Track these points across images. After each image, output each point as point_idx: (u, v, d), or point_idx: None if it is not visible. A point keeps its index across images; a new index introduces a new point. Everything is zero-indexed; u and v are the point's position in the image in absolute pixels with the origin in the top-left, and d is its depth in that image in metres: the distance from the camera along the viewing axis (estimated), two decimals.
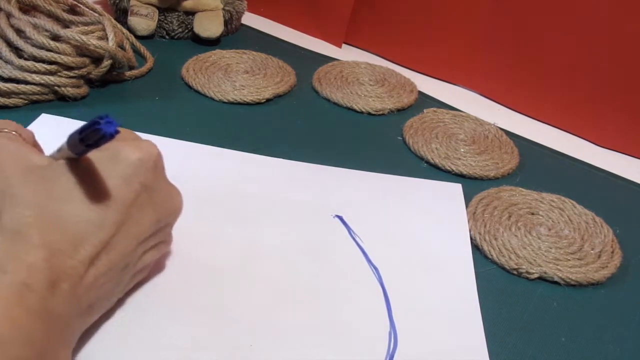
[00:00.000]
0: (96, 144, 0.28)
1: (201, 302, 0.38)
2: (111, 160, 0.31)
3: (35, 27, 0.55)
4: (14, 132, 0.34)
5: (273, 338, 0.37)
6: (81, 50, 0.57)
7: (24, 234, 0.28)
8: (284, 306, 0.39)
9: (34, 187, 0.30)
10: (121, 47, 0.63)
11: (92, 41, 0.56)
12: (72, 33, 0.55)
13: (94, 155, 0.31)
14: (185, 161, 0.52)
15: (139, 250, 0.34)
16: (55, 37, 0.56)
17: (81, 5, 0.64)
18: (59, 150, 0.32)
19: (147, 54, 0.68)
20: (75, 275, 0.29)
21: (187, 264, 0.41)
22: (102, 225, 0.30)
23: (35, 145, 0.37)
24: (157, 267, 0.40)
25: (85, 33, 0.57)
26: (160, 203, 0.34)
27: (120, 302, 0.37)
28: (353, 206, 0.49)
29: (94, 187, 0.31)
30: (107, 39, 0.58)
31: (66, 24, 0.60)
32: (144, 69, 0.65)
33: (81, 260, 0.30)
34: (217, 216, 0.46)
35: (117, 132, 0.27)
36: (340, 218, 0.48)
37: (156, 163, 0.34)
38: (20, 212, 0.29)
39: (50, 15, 0.60)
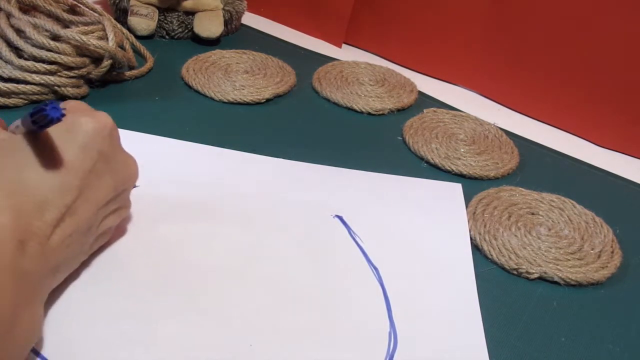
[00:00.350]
0: (46, 125, 0.31)
1: (201, 301, 0.38)
2: (68, 131, 0.34)
3: (35, 27, 0.55)
4: None
5: (273, 338, 0.37)
6: (81, 50, 0.57)
7: None
8: (283, 306, 0.39)
9: None
10: (121, 47, 0.63)
11: (92, 41, 0.56)
12: (72, 33, 0.55)
13: (52, 127, 0.32)
14: (185, 161, 0.52)
15: (99, 214, 0.36)
16: (55, 37, 0.56)
17: (81, 5, 0.64)
18: (16, 127, 0.34)
19: (147, 54, 0.68)
20: (42, 235, 0.31)
21: (186, 264, 0.41)
22: (64, 190, 0.33)
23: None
24: (118, 232, 0.42)
25: (85, 33, 0.57)
26: (116, 170, 0.37)
27: (121, 302, 0.37)
28: (353, 206, 0.49)
29: (53, 156, 0.33)
30: (107, 39, 0.58)
31: (66, 24, 0.60)
32: (144, 69, 0.65)
33: (47, 222, 0.32)
34: (217, 216, 0.46)
35: (62, 115, 0.30)
36: (340, 218, 0.48)
37: (111, 132, 0.36)
38: None
39: (50, 15, 0.60)
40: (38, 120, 0.30)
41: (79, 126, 0.34)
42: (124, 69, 0.64)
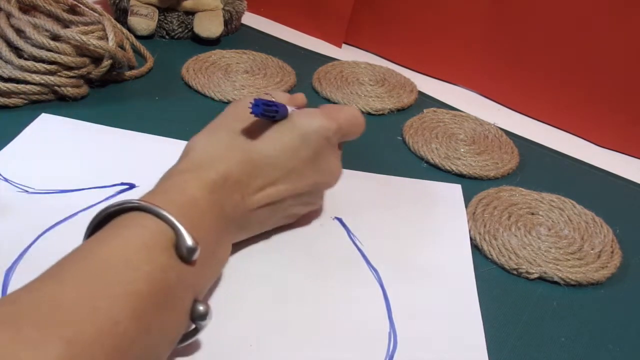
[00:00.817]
0: (272, 118, 0.40)
1: None
2: (301, 121, 0.41)
3: (35, 27, 0.55)
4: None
5: (273, 338, 0.37)
6: (81, 50, 0.57)
7: (224, 147, 0.39)
8: (284, 307, 0.39)
9: (240, 125, 0.41)
10: (121, 47, 0.63)
11: (92, 41, 0.56)
12: (72, 33, 0.55)
13: (293, 112, 0.42)
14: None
15: (294, 200, 0.42)
16: (55, 37, 0.56)
17: (81, 5, 0.64)
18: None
19: (147, 53, 0.68)
20: (246, 193, 0.38)
21: None
22: (277, 165, 0.39)
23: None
24: (300, 221, 0.46)
25: (85, 33, 0.57)
26: (321, 170, 0.42)
27: None
28: (352, 208, 0.49)
29: (279, 136, 0.40)
30: (107, 38, 0.58)
31: (66, 24, 0.60)
32: (144, 68, 0.65)
33: (255, 184, 0.39)
34: None
35: (275, 115, 0.39)
36: (340, 220, 0.48)
37: (330, 136, 0.41)
38: (220, 135, 0.40)
39: (50, 15, 0.60)
40: (267, 113, 0.39)
41: (308, 121, 0.41)
42: (124, 69, 0.64)
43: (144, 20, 0.73)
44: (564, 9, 0.66)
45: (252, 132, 0.40)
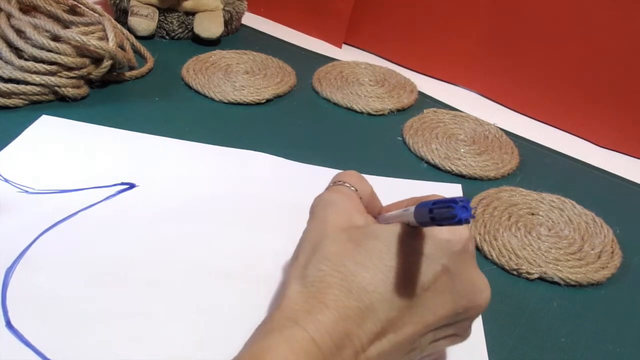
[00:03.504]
0: (441, 223, 0.26)
1: (199, 302, 0.38)
2: (418, 235, 0.30)
3: (35, 27, 0.56)
4: (352, 187, 0.34)
5: None
6: (81, 50, 0.57)
7: (320, 290, 0.29)
8: None
9: (338, 247, 0.30)
10: (121, 47, 0.64)
11: (92, 41, 0.56)
12: (72, 33, 0.55)
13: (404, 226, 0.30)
14: (185, 161, 0.52)
15: (428, 336, 0.31)
16: (56, 38, 0.56)
17: (81, 6, 0.64)
18: (399, 214, 0.31)
19: (147, 54, 0.68)
20: (359, 345, 0.28)
21: (185, 264, 0.41)
22: (393, 302, 0.29)
23: (372, 199, 0.36)
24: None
25: (86, 33, 0.57)
26: (461, 292, 0.31)
27: (121, 302, 0.37)
28: None
29: (395, 260, 0.29)
30: (108, 39, 0.58)
31: (66, 25, 0.60)
32: (144, 69, 0.65)
33: (367, 332, 0.29)
34: (216, 217, 0.46)
35: (469, 218, 0.25)
36: None
37: (465, 247, 0.31)
38: (319, 267, 0.30)
39: (51, 16, 0.60)
40: (438, 217, 0.26)
41: (431, 233, 0.30)
42: (124, 69, 0.64)
43: (144, 21, 0.73)
44: (564, 10, 0.66)
45: (355, 252, 0.30)
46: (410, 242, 0.30)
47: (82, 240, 0.42)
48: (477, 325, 0.40)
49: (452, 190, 0.54)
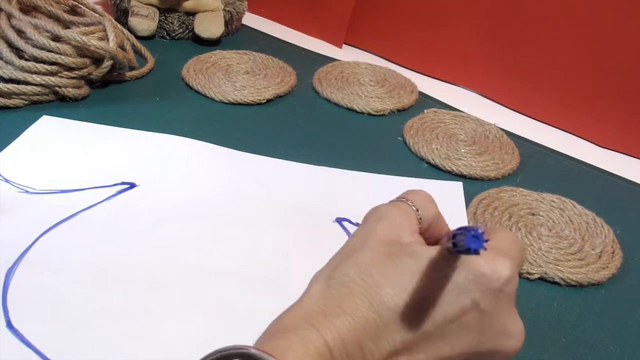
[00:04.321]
0: (459, 250, 0.26)
1: (200, 302, 0.38)
2: (454, 262, 0.29)
3: (36, 27, 0.56)
4: (414, 207, 0.33)
5: None
6: (82, 50, 0.57)
7: (342, 295, 0.28)
8: (283, 310, 0.39)
9: (373, 257, 0.29)
10: (122, 47, 0.64)
11: (93, 42, 0.56)
12: (72, 34, 0.55)
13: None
14: (186, 160, 0.52)
15: None
16: (56, 38, 0.56)
17: (82, 6, 0.64)
18: (448, 238, 0.29)
19: (148, 54, 0.68)
20: (375, 353, 0.28)
21: (186, 264, 0.41)
22: (411, 326, 0.28)
23: (436, 222, 0.34)
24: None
25: (86, 34, 0.57)
26: (488, 334, 0.29)
27: (121, 302, 0.37)
28: (353, 209, 0.49)
29: (423, 283, 0.28)
30: (108, 39, 0.58)
31: (67, 25, 0.60)
32: (144, 69, 0.66)
33: (379, 348, 0.28)
34: (217, 217, 0.46)
35: (478, 250, 0.24)
36: (340, 223, 0.47)
37: (503, 287, 0.29)
38: (346, 272, 0.29)
39: (51, 16, 0.60)
40: (457, 243, 0.26)
41: (470, 263, 0.28)
42: (124, 69, 0.64)
43: (145, 21, 0.73)
44: (564, 10, 0.66)
45: (386, 266, 0.29)
46: (445, 269, 0.28)
47: (83, 240, 0.42)
48: None
49: (453, 188, 0.53)
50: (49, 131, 0.53)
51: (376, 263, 0.29)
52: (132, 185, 0.48)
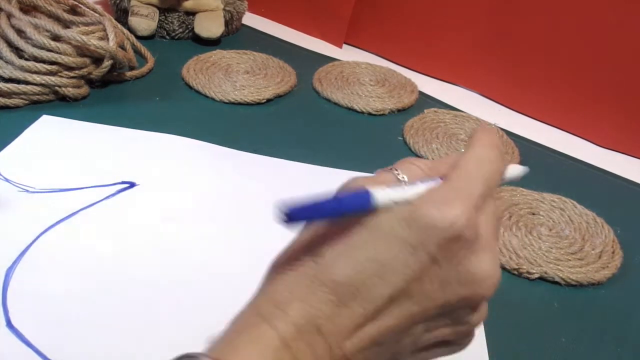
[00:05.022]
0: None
1: (200, 302, 0.38)
2: (408, 216, 0.26)
3: (35, 27, 0.56)
4: (400, 175, 0.29)
5: None
6: (82, 50, 0.57)
7: (295, 281, 0.27)
8: None
9: (327, 236, 0.28)
10: (122, 47, 0.64)
11: (93, 41, 0.56)
12: (72, 33, 0.55)
13: (393, 209, 0.27)
14: (186, 158, 0.52)
15: (419, 328, 0.28)
16: (56, 38, 0.56)
17: (81, 6, 0.64)
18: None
19: (148, 54, 0.68)
20: (333, 342, 0.26)
21: (186, 264, 0.41)
22: (370, 296, 0.26)
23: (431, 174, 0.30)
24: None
25: (86, 33, 0.57)
26: (453, 284, 0.27)
27: (121, 301, 0.37)
28: None
29: (375, 251, 0.26)
30: (108, 39, 0.58)
31: (67, 24, 0.60)
32: (144, 69, 0.65)
33: (340, 328, 0.26)
34: (216, 217, 0.46)
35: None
36: None
37: (458, 233, 0.26)
38: (297, 256, 0.28)
39: (51, 16, 0.60)
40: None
41: (419, 214, 0.26)
42: (124, 69, 0.64)
43: (145, 21, 0.73)
44: (565, 10, 0.66)
45: (337, 242, 0.27)
46: (396, 230, 0.26)
47: (83, 239, 0.42)
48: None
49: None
50: (49, 130, 0.53)
51: (325, 241, 0.27)
52: (131, 185, 0.48)
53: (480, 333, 0.39)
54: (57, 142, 0.52)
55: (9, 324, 0.35)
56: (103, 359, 0.34)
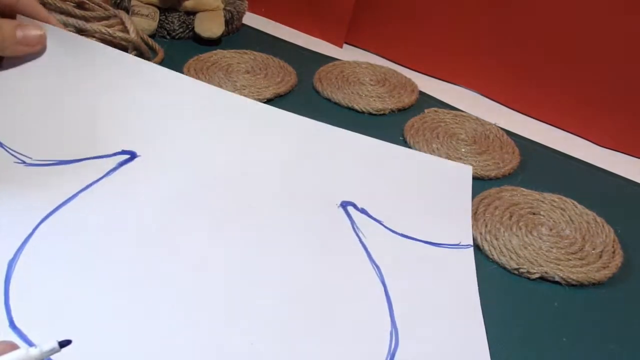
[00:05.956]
0: None
1: (201, 298, 0.38)
2: None
3: (60, 22, 0.55)
4: None
5: (274, 336, 0.37)
6: (105, 43, 0.56)
7: None
8: (285, 304, 0.39)
9: None
10: (141, 38, 0.64)
11: (118, 33, 0.56)
12: (97, 26, 0.56)
13: None
14: (180, 127, 0.50)
15: None
16: (80, 31, 0.56)
17: (88, 2, 0.64)
18: None
19: (156, 46, 0.68)
20: None
21: (186, 259, 0.41)
22: None
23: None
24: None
25: (108, 26, 0.57)
26: None
27: (121, 299, 0.37)
28: (358, 192, 0.48)
29: None
30: (128, 31, 0.58)
31: (84, 19, 0.60)
32: (157, 59, 0.66)
33: None
34: (214, 207, 0.45)
35: None
36: (344, 208, 0.47)
37: None
38: None
39: (62, 12, 0.60)
40: None
41: None
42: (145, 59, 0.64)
43: (145, 20, 0.73)
44: (565, 9, 0.66)
45: None
46: None
47: (83, 229, 0.41)
48: (478, 324, 0.40)
49: (461, 171, 0.52)
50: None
51: None
52: (132, 155, 0.46)
53: (480, 333, 0.39)
54: (53, 106, 0.48)
55: (12, 324, 0.34)
56: (108, 358, 0.34)
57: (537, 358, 0.39)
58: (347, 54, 0.81)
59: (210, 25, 0.74)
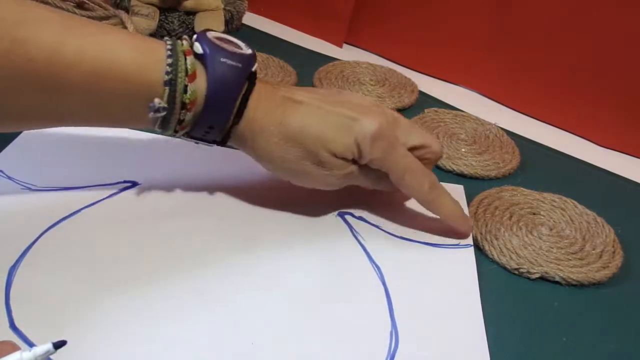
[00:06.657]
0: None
1: (202, 299, 0.38)
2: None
3: None
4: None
5: (274, 336, 0.37)
6: None
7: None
8: (285, 304, 0.39)
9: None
10: None
11: None
12: None
13: None
14: (180, 157, 0.52)
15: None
16: None
17: (89, 2, 0.64)
18: None
19: None
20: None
21: (188, 261, 0.41)
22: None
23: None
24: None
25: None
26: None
27: (122, 300, 0.37)
28: (355, 203, 0.49)
29: None
30: (129, 30, 0.58)
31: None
32: None
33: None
34: (215, 211, 0.46)
35: None
36: (342, 217, 0.48)
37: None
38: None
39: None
40: None
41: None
42: None
43: (145, 20, 0.73)
44: (565, 9, 0.66)
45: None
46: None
47: (85, 239, 0.42)
48: (478, 325, 0.40)
49: (454, 192, 0.53)
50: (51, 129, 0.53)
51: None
52: (134, 184, 0.48)
53: (481, 333, 0.39)
54: (60, 139, 0.51)
55: (12, 325, 0.35)
56: (103, 356, 0.34)
57: (537, 358, 0.39)
58: (347, 53, 0.81)
59: (210, 25, 0.74)
